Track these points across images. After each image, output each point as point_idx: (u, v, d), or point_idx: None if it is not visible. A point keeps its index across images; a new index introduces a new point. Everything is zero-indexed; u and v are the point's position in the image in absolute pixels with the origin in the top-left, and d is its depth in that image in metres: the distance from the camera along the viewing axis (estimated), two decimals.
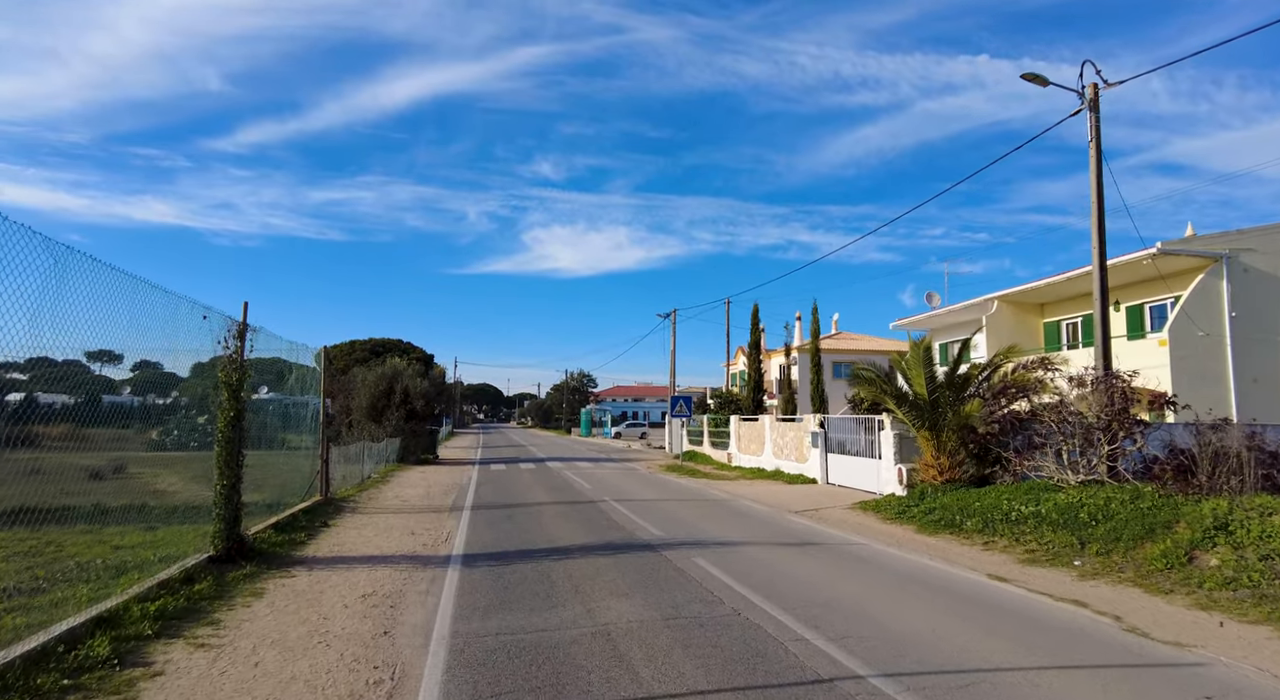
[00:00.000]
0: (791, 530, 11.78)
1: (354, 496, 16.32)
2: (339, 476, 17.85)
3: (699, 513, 13.81)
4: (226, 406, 8.83)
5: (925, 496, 13.61)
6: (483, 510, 14.12)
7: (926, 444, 14.29)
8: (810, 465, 19.75)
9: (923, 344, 14.48)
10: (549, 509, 14.25)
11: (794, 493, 17.30)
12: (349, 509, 14.25)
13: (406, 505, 15.07)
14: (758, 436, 23.79)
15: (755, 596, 7.16)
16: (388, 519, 12.99)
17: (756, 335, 26.02)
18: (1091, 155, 11.86)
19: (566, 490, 18.02)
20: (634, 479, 21.59)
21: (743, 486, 19.05)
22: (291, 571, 8.47)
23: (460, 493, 17.50)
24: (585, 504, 15.07)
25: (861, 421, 17.73)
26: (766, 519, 13.09)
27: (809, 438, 19.52)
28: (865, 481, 17.10)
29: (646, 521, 12.36)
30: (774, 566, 8.74)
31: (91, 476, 8.10)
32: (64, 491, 7.08)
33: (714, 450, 28.80)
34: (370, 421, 28.75)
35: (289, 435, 14.23)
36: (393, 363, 29.98)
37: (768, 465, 22.67)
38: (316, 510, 13.42)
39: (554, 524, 12.21)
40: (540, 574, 8.24)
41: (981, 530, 10.86)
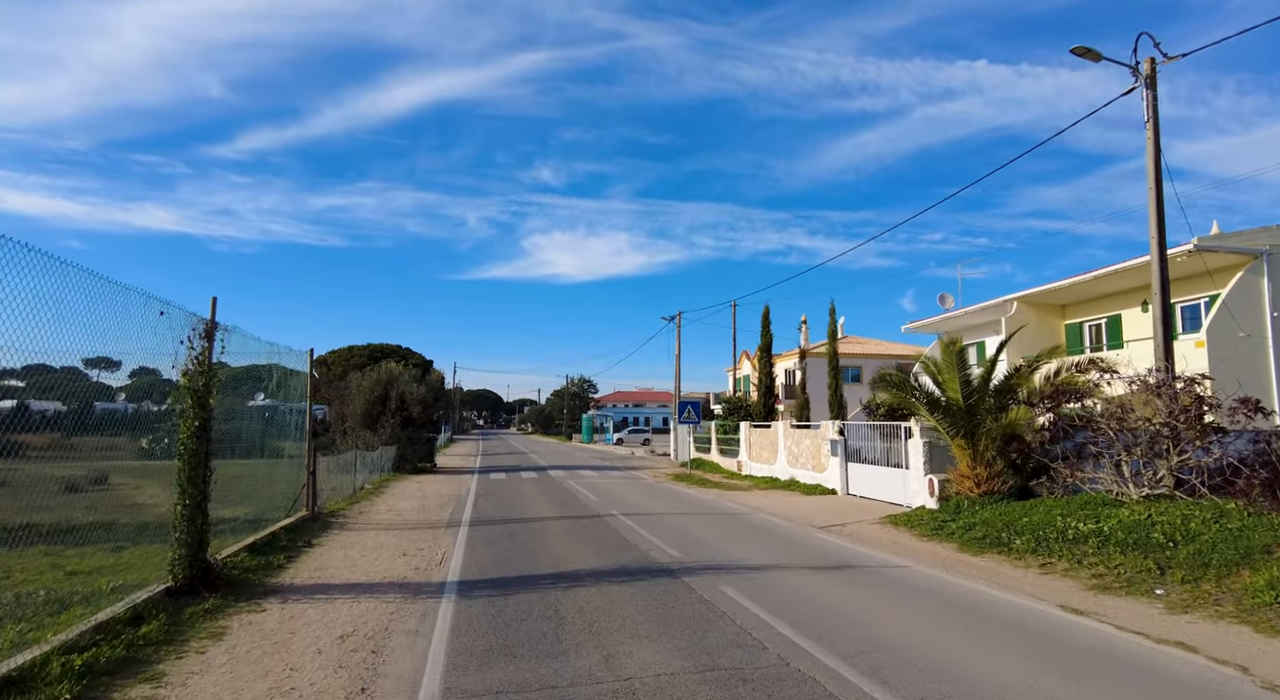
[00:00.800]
0: (822, 550, 10.70)
1: (344, 510, 15.24)
2: (328, 489, 16.78)
3: (716, 529, 12.73)
4: (190, 415, 7.77)
5: (961, 510, 12.54)
6: (482, 526, 13.04)
7: (961, 453, 13.23)
8: (829, 475, 18.68)
9: (954, 346, 13.43)
10: (553, 525, 13.17)
11: (814, 505, 16.22)
12: (337, 525, 13.17)
13: (399, 520, 13.99)
14: (770, 444, 22.72)
15: (801, 638, 6.09)
16: (378, 537, 11.91)
17: (768, 338, 25.01)
18: (1149, 137, 10.85)
19: (571, 503, 16.93)
20: (641, 489, 20.50)
21: (758, 498, 17.97)
22: (262, 604, 7.39)
23: (458, 505, 16.42)
24: (592, 519, 13.99)
25: (885, 429, 16.67)
26: (791, 536, 12.01)
27: (827, 446, 18.46)
28: (890, 493, 16.02)
29: (661, 540, 11.28)
30: (813, 597, 7.66)
31: (67, 489, 7.32)
32: (30, 507, 6.34)
33: (723, 458, 27.72)
34: (365, 429, 27.66)
35: (272, 445, 13.17)
36: (388, 367, 28.93)
37: (781, 474, 21.59)
38: (300, 527, 12.34)
39: (560, 543, 11.13)
40: (547, 607, 7.16)
41: (1034, 550, 9.79)
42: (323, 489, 15.92)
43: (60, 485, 7.08)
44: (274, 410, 13.90)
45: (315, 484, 14.04)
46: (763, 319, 25.30)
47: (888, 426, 16.63)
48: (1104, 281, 23.33)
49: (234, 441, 12.09)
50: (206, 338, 8.21)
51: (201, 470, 7.87)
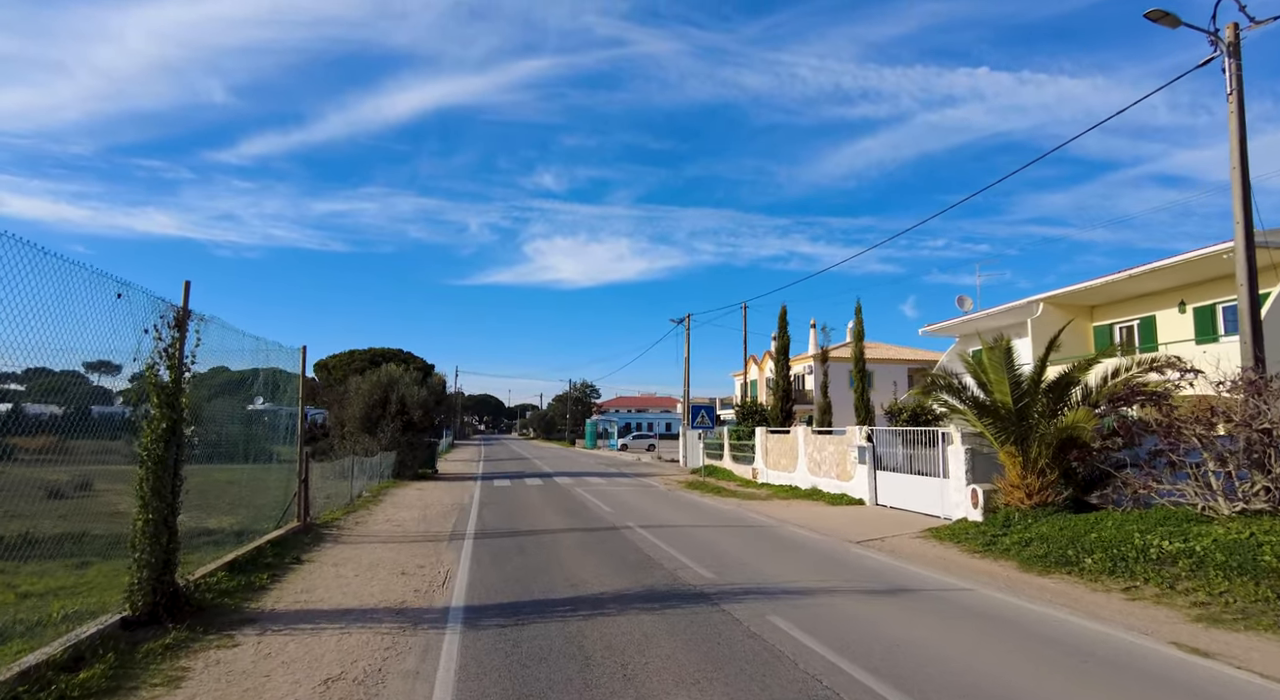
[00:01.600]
0: (868, 569, 9.61)
1: (339, 521, 14.16)
2: (323, 497, 15.72)
3: (745, 543, 11.64)
4: (157, 416, 6.72)
5: (1012, 523, 11.46)
6: (488, 539, 11.97)
7: (1010, 460, 12.14)
8: (856, 484, 17.58)
9: (1002, 344, 12.36)
10: (566, 538, 12.09)
11: (844, 517, 15.12)
12: (330, 538, 12.09)
13: (398, 532, 12.92)
14: (789, 451, 21.62)
15: (880, 684, 5.02)
16: (374, 551, 10.84)
17: (784, 339, 23.91)
18: (1232, 110, 9.83)
19: (582, 512, 15.85)
20: (655, 498, 19.41)
21: (780, 508, 16.87)
22: (236, 637, 6.31)
23: (461, 515, 15.35)
24: (607, 531, 12.91)
25: (918, 435, 15.58)
26: (829, 553, 10.92)
27: (854, 453, 17.37)
28: (925, 504, 14.93)
29: (687, 556, 10.20)
30: (877, 629, 6.58)
31: (50, 495, 6.62)
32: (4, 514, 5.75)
33: (736, 465, 26.61)
34: (364, 433, 26.62)
35: (261, 449, 12.13)
36: (389, 370, 27.89)
37: (802, 483, 20.49)
38: (290, 540, 11.28)
39: (575, 559, 10.05)
40: (569, 642, 6.09)
41: (1111, 571, 8.70)
42: (316, 498, 14.87)
43: (44, 491, 6.43)
44: (262, 413, 12.89)
45: (308, 493, 12.98)
46: (779, 319, 24.27)
47: (921, 432, 15.55)
48: (1138, 281, 22.30)
49: (217, 446, 11.09)
50: (178, 327, 7.16)
51: (170, 479, 6.81)
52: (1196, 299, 21.95)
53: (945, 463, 14.24)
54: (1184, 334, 21.98)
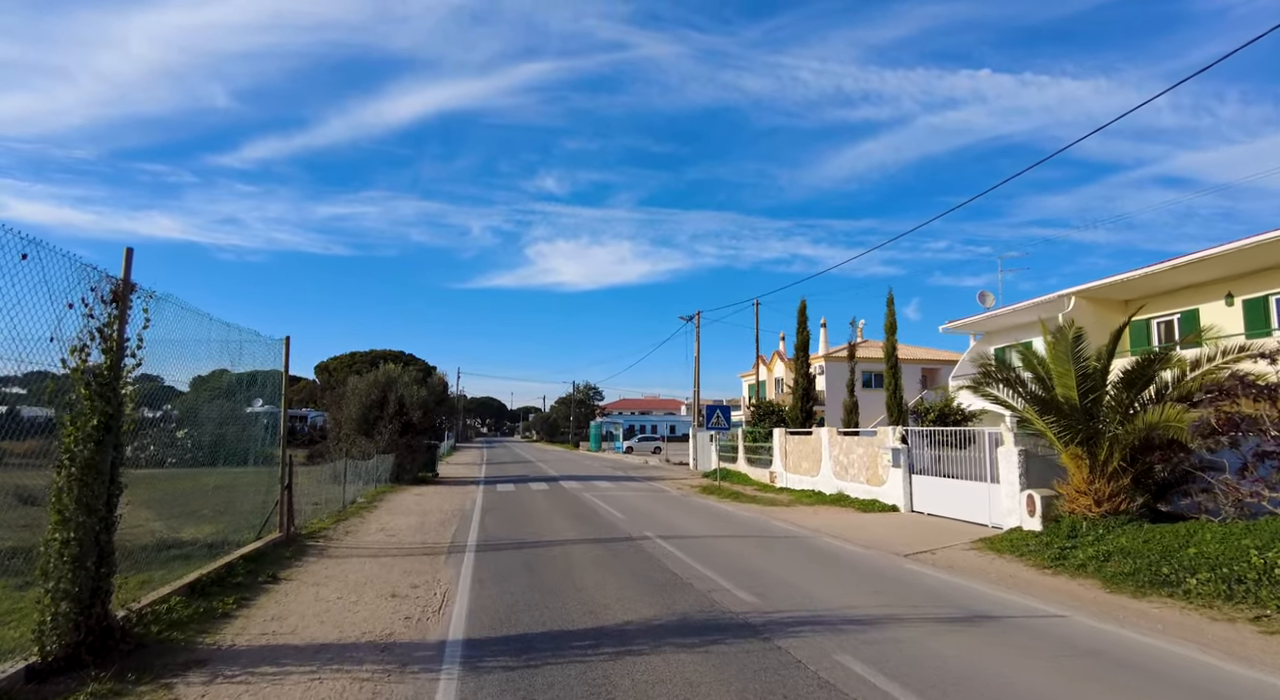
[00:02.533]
0: (929, 589, 8.31)
1: (327, 530, 12.88)
2: (310, 505, 14.48)
3: (781, 558, 10.34)
4: (86, 409, 5.46)
5: (1080, 534, 10.16)
6: (491, 552, 10.68)
7: (1075, 463, 10.84)
8: (889, 489, 16.27)
9: (1069, 332, 11.06)
10: (578, 550, 10.80)
11: (882, 525, 13.80)
12: (315, 550, 10.82)
13: (392, 543, 11.64)
14: (812, 453, 20.31)
15: None
16: (362, 567, 9.56)
17: (804, 335, 22.59)
18: None
19: (593, 520, 14.56)
20: (670, 504, 18.11)
21: (807, 515, 15.56)
22: (175, 687, 5.03)
23: (462, 523, 14.07)
24: (623, 542, 11.62)
25: (959, 436, 14.29)
26: (879, 569, 9.62)
27: (887, 455, 16.06)
28: (969, 510, 13.62)
29: (720, 574, 8.90)
30: (972, 672, 5.28)
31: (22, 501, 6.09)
32: None
33: (751, 468, 25.30)
34: (361, 435, 25.36)
35: (236, 452, 10.88)
36: (387, 369, 26.62)
37: (826, 487, 19.17)
38: (268, 554, 10.00)
39: (592, 578, 8.76)
40: (594, 693, 4.80)
41: (1226, 596, 7.39)
42: (302, 505, 13.61)
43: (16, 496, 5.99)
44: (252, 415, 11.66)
45: (291, 500, 11.70)
46: (798, 314, 22.87)
47: (964, 433, 14.25)
48: (1181, 273, 20.97)
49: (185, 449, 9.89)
50: (116, 302, 5.89)
51: (102, 488, 5.54)
52: (1246, 290, 20.60)
53: (994, 466, 12.93)
54: (1232, 328, 20.64)
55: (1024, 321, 28.77)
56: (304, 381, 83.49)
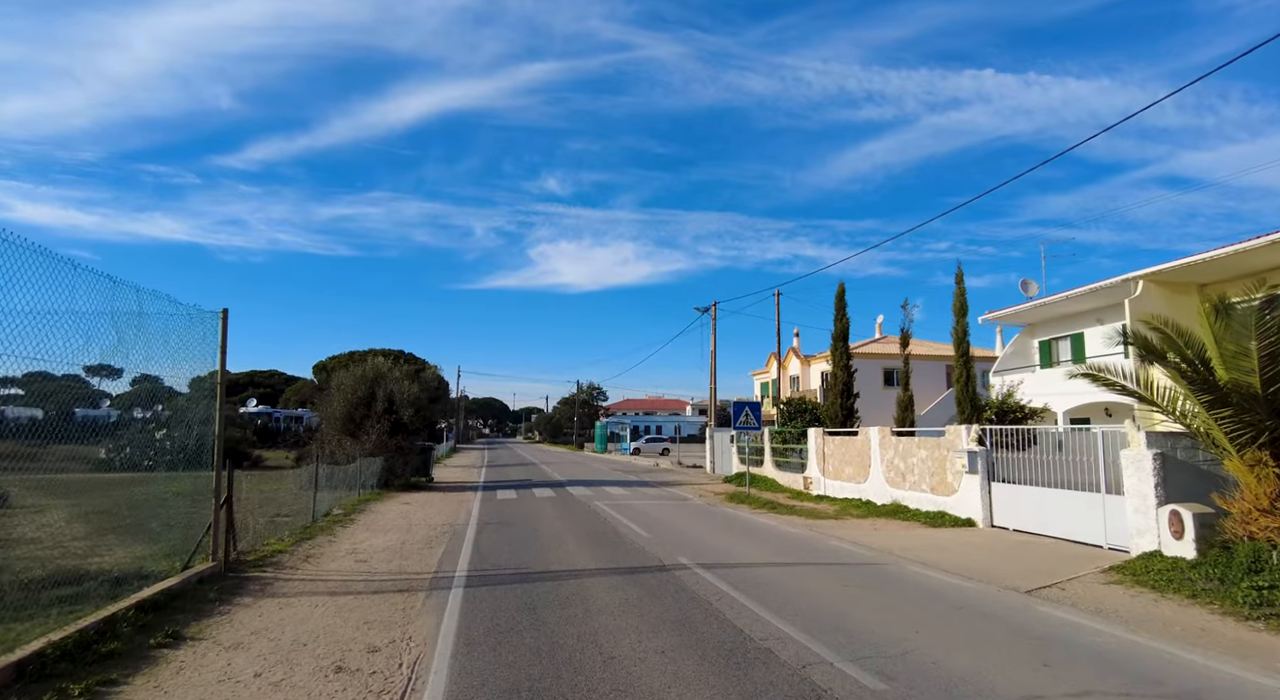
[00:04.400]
0: (1110, 657, 5.74)
1: (282, 554, 10.35)
2: (274, 520, 12.00)
3: (873, 601, 7.78)
4: None
5: (1271, 567, 7.60)
6: (485, 588, 8.14)
7: (1254, 473, 8.27)
8: (961, 499, 13.70)
9: (1264, 292, 8.48)
10: (599, 587, 8.25)
11: (968, 546, 11.24)
12: (255, 586, 8.28)
13: (361, 572, 9.10)
14: (858, 457, 17.73)
15: None
16: (311, 613, 7.03)
17: (843, 323, 19.90)
18: None
19: (612, 539, 12.01)
20: (697, 516, 15.55)
21: (866, 531, 13.01)
22: None
23: (452, 542, 11.54)
24: (655, 573, 9.07)
25: (1054, 437, 11.74)
26: (1011, 617, 7.05)
27: (961, 459, 13.47)
28: (1074, 527, 11.07)
29: (807, 633, 6.34)
30: None
31: None
32: None
33: (780, 473, 22.72)
34: (346, 436, 22.85)
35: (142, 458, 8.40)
36: (375, 363, 24.10)
37: (876, 496, 16.61)
38: (185, 595, 7.46)
39: (625, 639, 6.20)
40: None
41: None
42: (256, 522, 11.14)
43: None
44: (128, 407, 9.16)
45: (232, 518, 9.17)
46: (837, 300, 20.17)
47: (1065, 433, 11.71)
48: (1276, 251, 18.45)
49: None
50: None
51: None
52: None
53: (1115, 472, 10.37)
54: None
55: (1078, 310, 26.25)
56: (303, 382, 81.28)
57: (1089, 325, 26.16)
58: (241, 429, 47.65)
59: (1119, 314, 24.22)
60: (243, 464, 37.45)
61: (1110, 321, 25.15)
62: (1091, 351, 25.79)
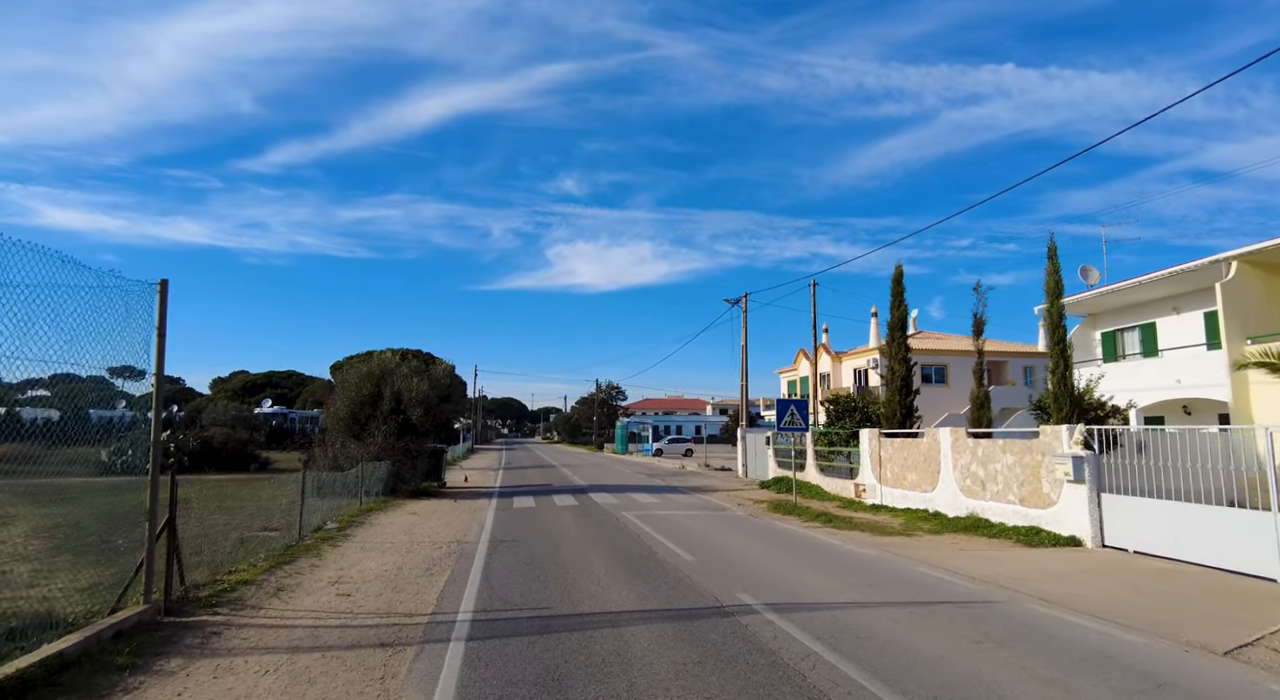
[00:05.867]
0: None
1: (250, 584, 8.44)
2: (230, 542, 10.14)
3: (1027, 672, 5.66)
4: None
5: None
6: (493, 643, 6.14)
7: None
8: (1062, 512, 11.50)
9: None
10: (641, 641, 6.21)
11: (1091, 575, 9.06)
12: (192, 640, 6.34)
13: (340, 612, 7.15)
14: (924, 461, 15.54)
15: None
16: (253, 689, 5.07)
17: (901, 311, 17.51)
18: None
19: (647, 563, 9.98)
20: (744, 533, 13.48)
21: (950, 552, 10.86)
22: None
23: (459, 568, 9.59)
24: (712, 618, 7.01)
25: (1183, 435, 9.53)
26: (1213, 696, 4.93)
27: (1064, 465, 11.27)
28: (1230, 553, 8.87)
29: None
30: None
31: None
32: None
33: (825, 478, 20.55)
34: (350, 438, 21.06)
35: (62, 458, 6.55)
36: (381, 358, 22.31)
37: (947, 507, 14.42)
38: (87, 658, 5.54)
39: None
40: None
41: None
42: (227, 542, 9.29)
43: None
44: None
45: (176, 545, 7.27)
46: (893, 283, 17.64)
47: (1208, 433, 9.51)
48: None
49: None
50: None
51: None
52: None
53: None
54: None
55: (1150, 298, 23.83)
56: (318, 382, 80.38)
57: (1163, 314, 23.74)
58: (251, 430, 46.37)
59: (1201, 301, 21.83)
60: (249, 467, 36.12)
61: (1189, 310, 22.76)
62: (1166, 343, 23.37)
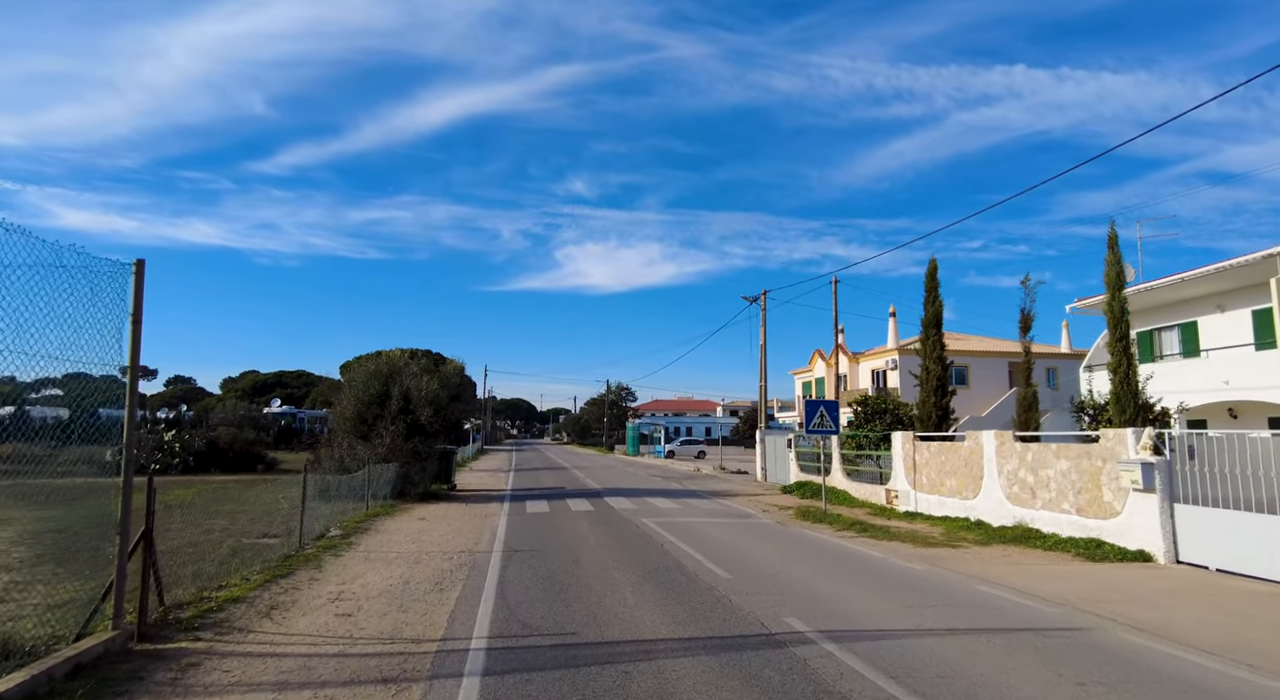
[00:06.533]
0: None
1: (240, 602, 7.61)
2: (227, 550, 9.33)
3: None
4: None
5: None
6: (513, 680, 5.25)
7: None
8: (1127, 524, 10.51)
9: None
10: (684, 678, 5.30)
11: (1176, 595, 8.08)
12: (165, 675, 5.48)
13: (337, 638, 6.29)
14: (964, 466, 14.57)
15: None
16: None
17: (936, 307, 16.44)
18: None
19: (678, 579, 9.08)
20: (775, 543, 12.56)
21: (1008, 568, 9.90)
22: None
23: (470, 581, 8.73)
24: (763, 650, 6.10)
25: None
26: None
27: (1130, 472, 10.28)
28: None
29: None
30: None
31: None
32: None
33: (853, 483, 19.58)
34: (357, 439, 20.28)
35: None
36: (389, 356, 21.53)
37: (992, 515, 13.44)
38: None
39: None
40: None
41: None
42: (212, 555, 8.50)
43: None
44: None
45: (153, 561, 6.43)
46: (928, 278, 16.62)
47: None
48: None
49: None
50: None
51: None
52: None
53: None
54: None
55: (1192, 296, 22.74)
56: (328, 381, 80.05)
57: (1206, 312, 22.64)
58: (258, 430, 45.80)
59: (1250, 298, 20.77)
60: (256, 467, 35.48)
61: (1235, 307, 21.67)
62: (1209, 342, 22.30)
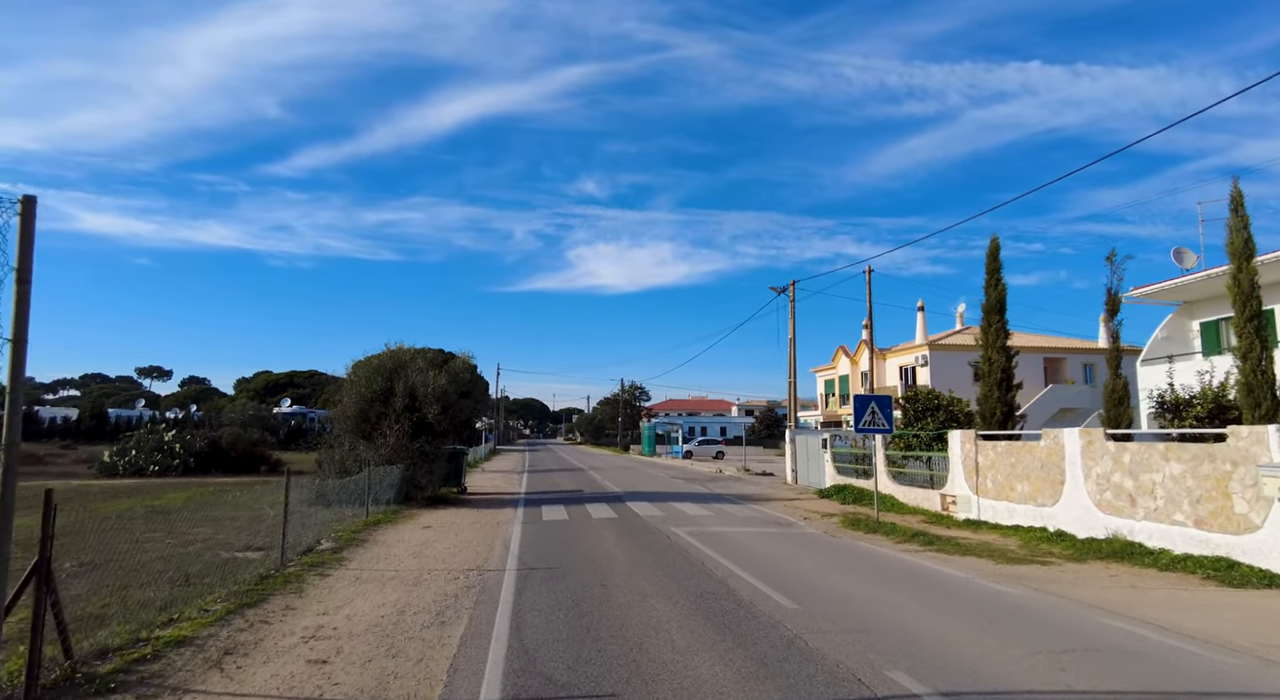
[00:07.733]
0: None
1: (184, 645, 6.02)
2: (194, 568, 7.76)
3: None
4: None
5: None
6: None
7: None
8: (1271, 541, 8.72)
9: None
10: None
11: None
12: None
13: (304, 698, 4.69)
14: (1040, 469, 12.77)
15: None
16: None
17: (999, 291, 14.64)
18: None
19: (731, 610, 7.40)
20: (834, 560, 10.86)
21: (1131, 593, 8.15)
22: None
23: (478, 612, 7.09)
24: None
25: None
26: None
27: (1276, 478, 8.48)
28: None
29: None
30: None
31: None
32: None
33: (900, 488, 17.81)
34: (359, 438, 18.77)
35: None
36: (394, 352, 20.01)
37: (1076, 526, 11.65)
38: None
39: None
40: None
41: None
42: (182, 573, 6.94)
43: None
44: None
45: (52, 599, 4.85)
46: (988, 260, 14.57)
47: None
48: None
49: None
50: None
51: None
52: None
53: None
54: None
55: (1266, 282, 20.83)
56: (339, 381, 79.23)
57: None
58: (266, 430, 44.61)
59: None
60: (260, 468, 34.17)
61: None
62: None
